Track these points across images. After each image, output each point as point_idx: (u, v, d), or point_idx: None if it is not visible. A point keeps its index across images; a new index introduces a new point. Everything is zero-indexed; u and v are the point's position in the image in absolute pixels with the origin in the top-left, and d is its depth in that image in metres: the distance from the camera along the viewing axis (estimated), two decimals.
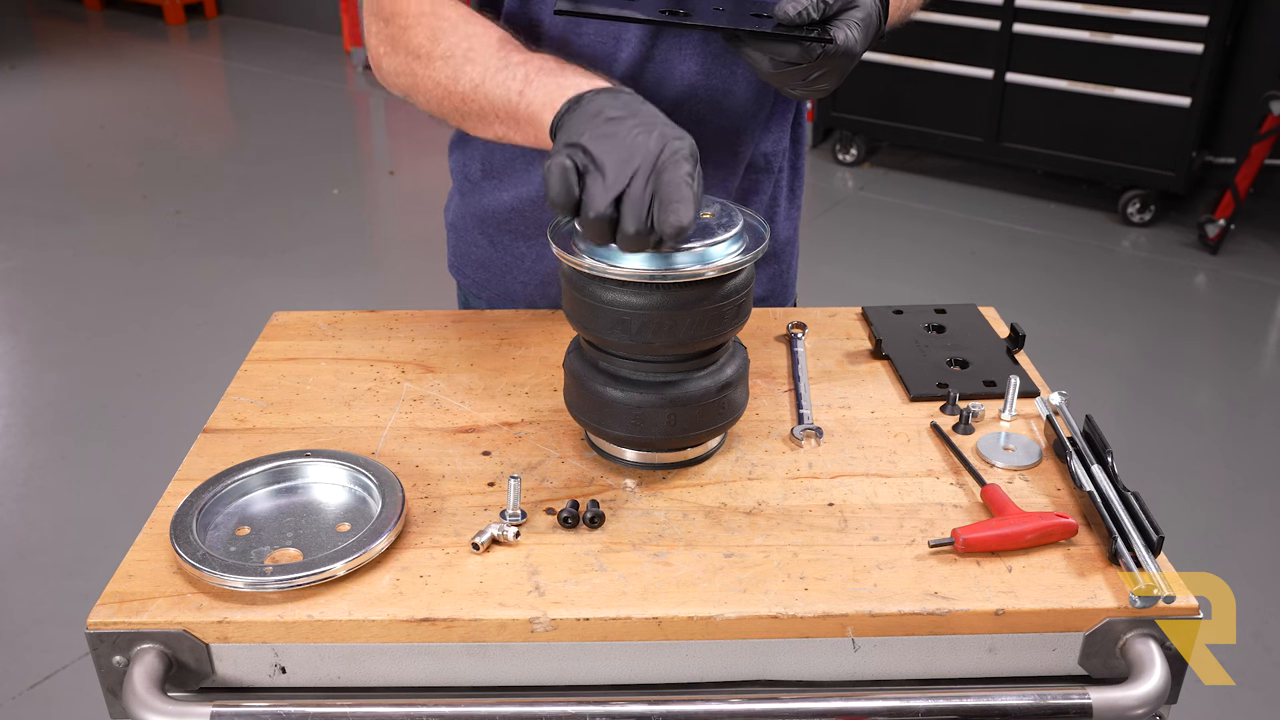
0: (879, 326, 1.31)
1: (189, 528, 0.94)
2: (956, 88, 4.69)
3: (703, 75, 1.20)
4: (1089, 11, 4.31)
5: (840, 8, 1.02)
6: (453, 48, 1.11)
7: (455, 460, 1.08)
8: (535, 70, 1.06)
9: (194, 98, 6.48)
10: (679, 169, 0.90)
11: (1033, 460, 1.08)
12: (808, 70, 1.03)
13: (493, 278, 1.39)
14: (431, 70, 1.13)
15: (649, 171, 0.90)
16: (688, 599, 0.90)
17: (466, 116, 1.13)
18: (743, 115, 1.25)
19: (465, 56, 1.10)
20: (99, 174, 5.08)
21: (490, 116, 1.10)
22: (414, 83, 1.16)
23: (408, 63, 1.15)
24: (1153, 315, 3.95)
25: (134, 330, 3.75)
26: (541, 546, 0.96)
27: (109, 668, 0.88)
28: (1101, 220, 4.60)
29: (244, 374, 1.23)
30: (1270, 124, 4.17)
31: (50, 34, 7.32)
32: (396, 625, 0.88)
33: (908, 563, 0.94)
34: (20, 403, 3.41)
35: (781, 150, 1.36)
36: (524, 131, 1.07)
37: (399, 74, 1.17)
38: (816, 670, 0.92)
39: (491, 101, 1.08)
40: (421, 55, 1.14)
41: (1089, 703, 0.87)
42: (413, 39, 1.14)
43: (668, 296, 0.96)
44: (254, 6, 7.60)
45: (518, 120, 1.07)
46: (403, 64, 1.16)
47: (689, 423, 1.03)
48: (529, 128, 1.06)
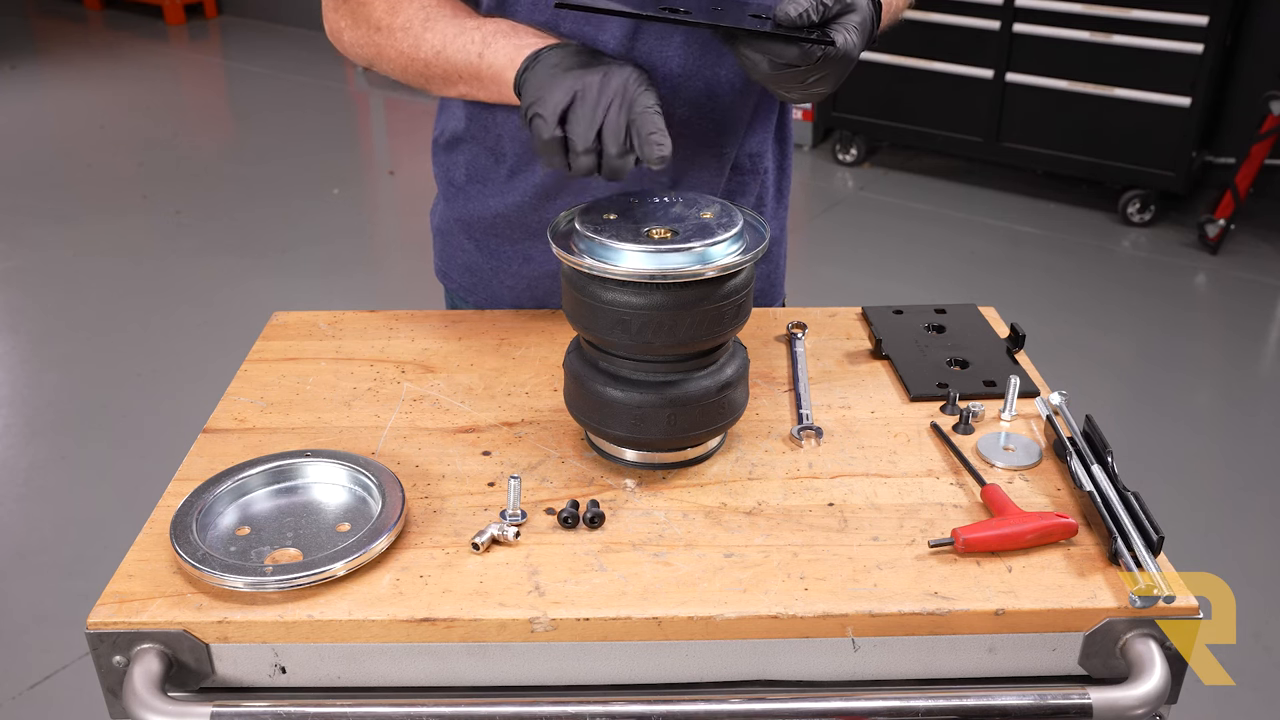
0: (879, 326, 1.31)
1: (189, 528, 0.94)
2: (956, 88, 4.69)
3: (686, 74, 1.20)
4: (1089, 11, 4.31)
5: (838, 11, 1.02)
6: (410, 19, 1.20)
7: (455, 460, 1.08)
8: (491, 33, 1.15)
9: (194, 98, 6.48)
10: (646, 99, 1.01)
11: (1033, 460, 1.08)
12: (806, 73, 1.02)
13: (479, 281, 1.40)
14: (393, 41, 1.22)
15: (621, 103, 1.01)
16: (688, 599, 0.90)
17: (431, 80, 1.22)
18: (727, 115, 1.25)
19: (424, 25, 1.19)
20: (99, 174, 5.08)
21: (454, 78, 1.19)
22: (377, 53, 1.24)
23: (369, 35, 1.24)
24: (1153, 315, 3.95)
25: (134, 330, 3.75)
26: (541, 546, 0.96)
27: (109, 668, 0.88)
28: (1101, 220, 4.60)
29: (244, 374, 1.23)
30: (1270, 124, 4.17)
31: (50, 34, 7.32)
32: (396, 625, 0.88)
33: (908, 563, 0.94)
34: (20, 403, 3.41)
35: (767, 150, 1.35)
36: (488, 89, 1.17)
37: (361, 46, 1.25)
38: (816, 670, 0.92)
39: (454, 65, 1.18)
40: (382, 28, 1.22)
41: (1089, 703, 0.87)
42: (371, 13, 1.22)
43: (668, 296, 0.96)
44: (254, 6, 7.60)
45: (481, 79, 1.17)
46: (364, 37, 1.24)
47: (689, 423, 1.03)
48: (493, 85, 1.16)
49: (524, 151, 1.27)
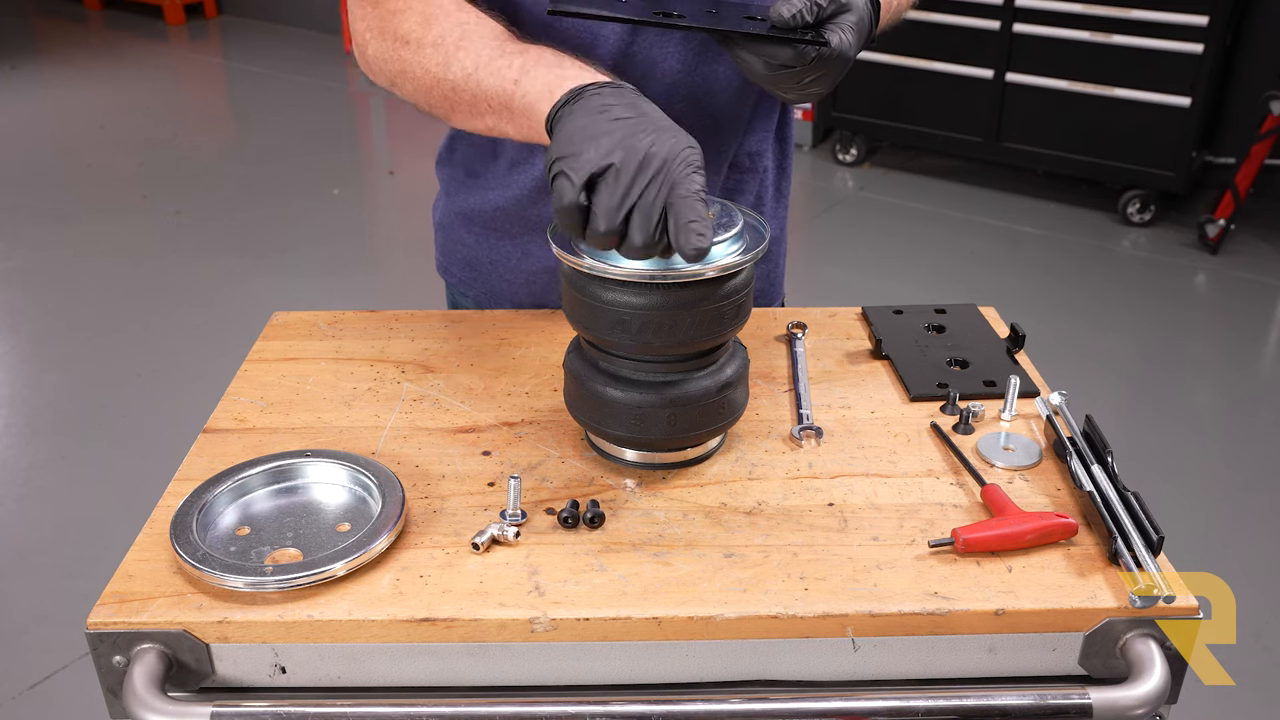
0: (879, 326, 1.31)
1: (189, 528, 0.94)
2: (956, 88, 4.69)
3: (684, 73, 1.19)
4: (1089, 11, 4.31)
5: (834, 11, 1.02)
6: (445, 34, 1.08)
7: (455, 460, 1.08)
8: (533, 61, 1.02)
9: (194, 98, 6.48)
10: (691, 183, 0.88)
11: (1033, 460, 1.08)
12: (801, 74, 1.02)
13: (479, 276, 1.40)
14: (421, 57, 1.09)
15: (662, 183, 0.88)
16: (688, 599, 0.90)
17: (456, 106, 1.09)
18: (725, 114, 1.25)
19: (458, 44, 1.07)
20: (99, 174, 5.08)
21: (482, 106, 1.06)
22: (402, 69, 1.12)
23: (396, 49, 1.12)
24: (1153, 315, 3.95)
25: (134, 330, 3.75)
26: (541, 546, 0.96)
27: (109, 668, 0.88)
28: (1101, 220, 4.60)
29: (244, 374, 1.23)
30: (1270, 124, 4.17)
31: (50, 34, 7.32)
32: (396, 625, 0.88)
33: (908, 563, 0.94)
34: (20, 403, 3.41)
35: (767, 150, 1.35)
36: (517, 123, 1.04)
37: (386, 60, 1.14)
38: (816, 670, 0.92)
39: (484, 90, 1.05)
40: (411, 41, 1.10)
41: (1089, 703, 0.87)
42: (402, 24, 1.11)
43: (668, 296, 0.96)
44: (254, 6, 7.60)
45: (511, 110, 1.03)
46: (390, 50, 1.13)
47: (689, 423, 1.03)
48: (523, 119, 1.02)
49: (522, 145, 1.27)
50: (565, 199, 0.89)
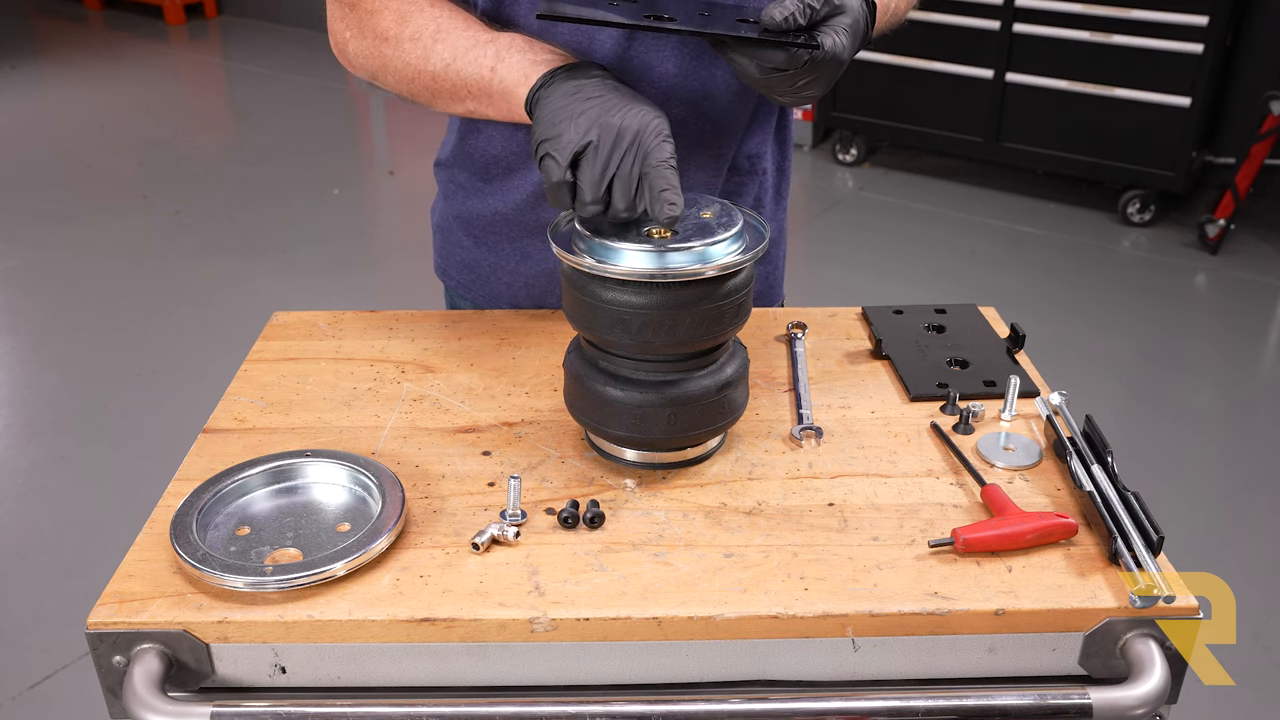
0: (879, 326, 1.31)
1: (189, 528, 0.94)
2: (956, 88, 4.69)
3: (681, 76, 1.19)
4: (1089, 11, 4.31)
5: (827, 13, 1.01)
6: (421, 29, 1.16)
7: (455, 460, 1.08)
8: (505, 47, 1.11)
9: (194, 98, 6.48)
10: (662, 151, 0.98)
11: (1033, 460, 1.08)
12: (794, 77, 1.02)
13: (477, 279, 1.40)
14: (400, 52, 1.17)
15: (635, 154, 0.98)
16: (688, 599, 0.90)
17: (437, 95, 1.17)
18: (723, 116, 1.25)
19: (434, 37, 1.15)
20: (99, 174, 5.08)
21: (462, 93, 1.15)
22: (383, 64, 1.19)
23: (375, 46, 1.19)
24: (1153, 315, 3.95)
25: (134, 330, 3.75)
26: (541, 546, 0.96)
27: (109, 668, 0.88)
28: (1101, 220, 4.60)
29: (244, 374, 1.23)
30: (1270, 124, 4.17)
31: (50, 34, 7.32)
32: (396, 625, 0.88)
33: (908, 563, 0.94)
34: (20, 403, 3.41)
35: (766, 152, 1.35)
36: (497, 106, 1.12)
37: (366, 57, 1.21)
38: (816, 670, 0.92)
39: (463, 79, 1.13)
40: (389, 38, 1.17)
41: (1089, 703, 0.87)
42: (379, 23, 1.18)
43: (668, 296, 0.96)
44: (254, 6, 7.60)
45: (490, 96, 1.12)
46: (370, 47, 1.19)
47: (689, 422, 1.03)
48: (502, 102, 1.11)
49: (519, 152, 1.27)
50: (554, 177, 0.99)
